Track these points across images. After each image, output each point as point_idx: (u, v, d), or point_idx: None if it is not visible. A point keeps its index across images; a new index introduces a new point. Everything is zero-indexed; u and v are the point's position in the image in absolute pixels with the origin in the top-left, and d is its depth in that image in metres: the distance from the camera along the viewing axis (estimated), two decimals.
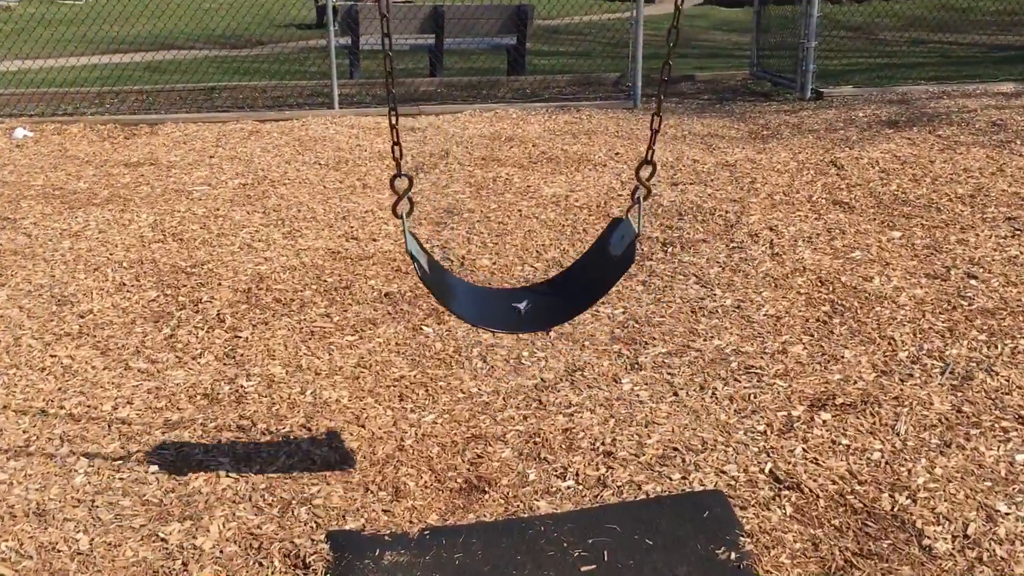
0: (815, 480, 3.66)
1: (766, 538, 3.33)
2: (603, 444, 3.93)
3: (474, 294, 3.94)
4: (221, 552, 3.28)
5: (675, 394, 4.33)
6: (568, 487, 3.67)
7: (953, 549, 3.28)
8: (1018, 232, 6.18)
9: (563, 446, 3.94)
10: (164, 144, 9.02)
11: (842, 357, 4.63)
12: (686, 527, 3.36)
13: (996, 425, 3.99)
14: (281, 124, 9.87)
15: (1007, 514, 3.42)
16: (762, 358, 4.64)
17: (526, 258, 6.00)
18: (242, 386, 4.41)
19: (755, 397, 4.28)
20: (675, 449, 3.89)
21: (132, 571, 3.20)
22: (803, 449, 3.87)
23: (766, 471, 3.73)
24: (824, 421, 4.07)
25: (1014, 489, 3.56)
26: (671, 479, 3.70)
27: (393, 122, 3.31)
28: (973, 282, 5.44)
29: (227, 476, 3.71)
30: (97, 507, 3.53)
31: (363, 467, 3.79)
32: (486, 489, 3.66)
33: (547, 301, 3.63)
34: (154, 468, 3.78)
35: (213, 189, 7.48)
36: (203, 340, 4.88)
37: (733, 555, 3.21)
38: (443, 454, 3.89)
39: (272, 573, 3.18)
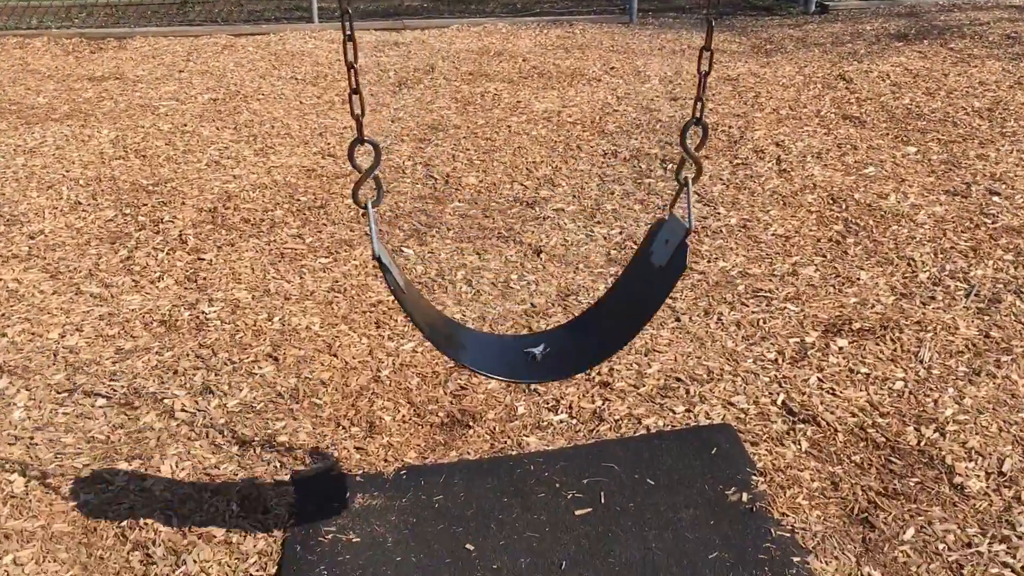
0: (832, 412, 3.32)
1: (780, 477, 3.00)
2: (599, 374, 3.58)
3: (473, 337, 3.02)
4: (172, 495, 2.94)
5: (677, 320, 3.97)
6: (560, 422, 3.33)
7: (987, 488, 2.95)
8: None
9: None
10: (132, 58, 8.48)
11: (858, 279, 4.26)
12: (692, 465, 3.02)
13: None
14: (257, 39, 9.32)
15: None
16: (771, 281, 4.27)
17: (516, 176, 5.58)
18: (203, 312, 4.02)
19: (764, 323, 3.92)
20: (678, 379, 3.54)
21: (72, 517, 2.86)
22: (818, 379, 3.52)
23: (778, 403, 3.39)
24: (840, 348, 3.71)
25: None
26: (674, 412, 3.35)
27: (351, 60, 2.23)
28: (996, 199, 5.05)
29: (183, 411, 3.35)
30: (36, 445, 3.17)
31: (334, 400, 3.43)
32: (470, 424, 3.32)
33: (572, 342, 2.76)
34: (102, 402, 3.41)
35: (181, 104, 7.00)
36: (163, 263, 4.48)
37: (744, 496, 2.88)
38: (423, 386, 3.53)
39: (229, 518, 2.84)
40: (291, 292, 4.20)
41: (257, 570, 2.66)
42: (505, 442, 3.22)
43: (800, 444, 3.16)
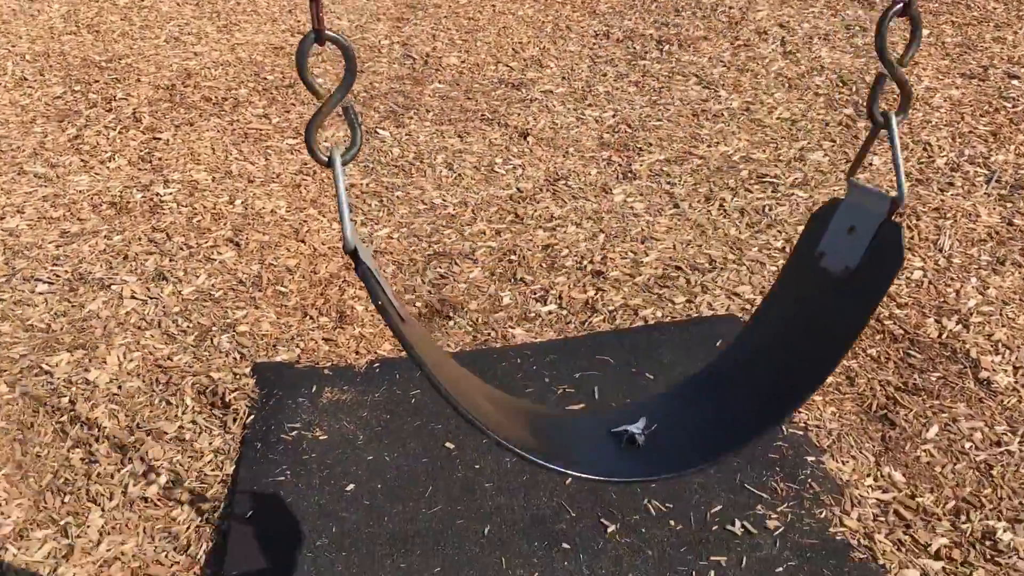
0: None
1: None
2: (591, 263, 3.28)
3: (532, 414, 1.88)
4: (119, 388, 2.65)
5: (676, 206, 3.66)
6: (550, 312, 3.05)
7: (1016, 383, 2.70)
8: None
9: (543, 265, 3.28)
10: None
11: (870, 164, 3.94)
12: (694, 359, 2.74)
13: None
14: None
15: None
16: (777, 166, 3.95)
17: (501, 56, 5.17)
18: (157, 194, 3.67)
19: (770, 209, 3.62)
20: (677, 268, 3.25)
21: (6, 411, 2.57)
22: None
23: None
24: None
25: None
26: (673, 303, 3.07)
27: None
28: (1015, 83, 4.71)
29: (132, 298, 3.04)
30: None
31: (301, 289, 3.13)
32: (451, 315, 3.03)
33: (698, 410, 1.76)
34: (43, 288, 3.09)
35: None
36: (115, 142, 4.10)
37: None
38: (399, 274, 3.23)
39: (182, 413, 2.56)
40: (255, 174, 3.85)
41: (212, 470, 2.39)
42: (489, 334, 2.94)
43: None
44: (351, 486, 2.30)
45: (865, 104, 1.54)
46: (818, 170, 3.91)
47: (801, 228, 3.45)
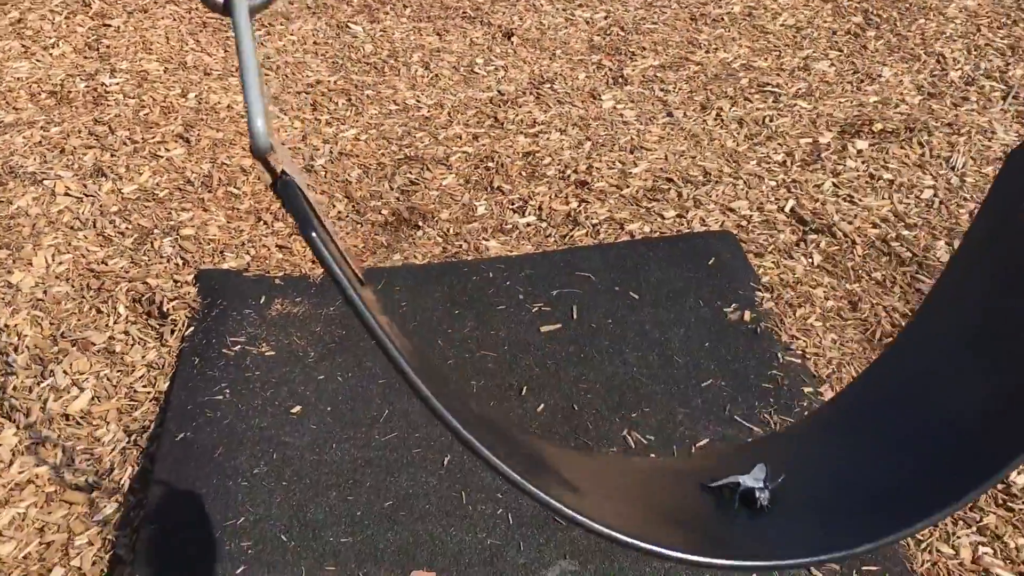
0: (850, 222, 2.79)
1: (790, 293, 2.49)
2: (575, 172, 3.01)
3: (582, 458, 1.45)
4: (44, 293, 2.38)
5: (669, 115, 3.37)
6: (528, 225, 2.78)
7: None
8: None
9: (523, 173, 3.01)
10: None
11: (879, 76, 3.65)
12: (684, 277, 2.49)
13: None
14: None
15: None
16: (779, 75, 3.65)
17: None
18: (103, 84, 3.35)
19: (771, 120, 3.33)
20: (668, 180, 2.98)
21: None
22: (833, 184, 2.98)
23: (787, 210, 2.85)
24: (859, 151, 3.15)
25: None
26: (663, 217, 2.81)
27: None
28: None
29: (67, 195, 2.75)
30: None
31: (256, 191, 2.84)
32: (419, 224, 2.76)
33: (856, 457, 1.16)
34: None
35: None
36: (60, 28, 3.75)
37: (747, 314, 2.37)
38: (365, 178, 2.95)
39: (113, 323, 2.30)
40: (212, 66, 3.52)
41: (144, 386, 2.14)
42: (460, 246, 2.68)
43: (812, 257, 2.64)
44: (297, 408, 2.06)
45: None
46: (823, 80, 3.61)
47: (804, 140, 3.19)
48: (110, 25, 3.79)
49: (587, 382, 2.16)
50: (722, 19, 4.11)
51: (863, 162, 3.10)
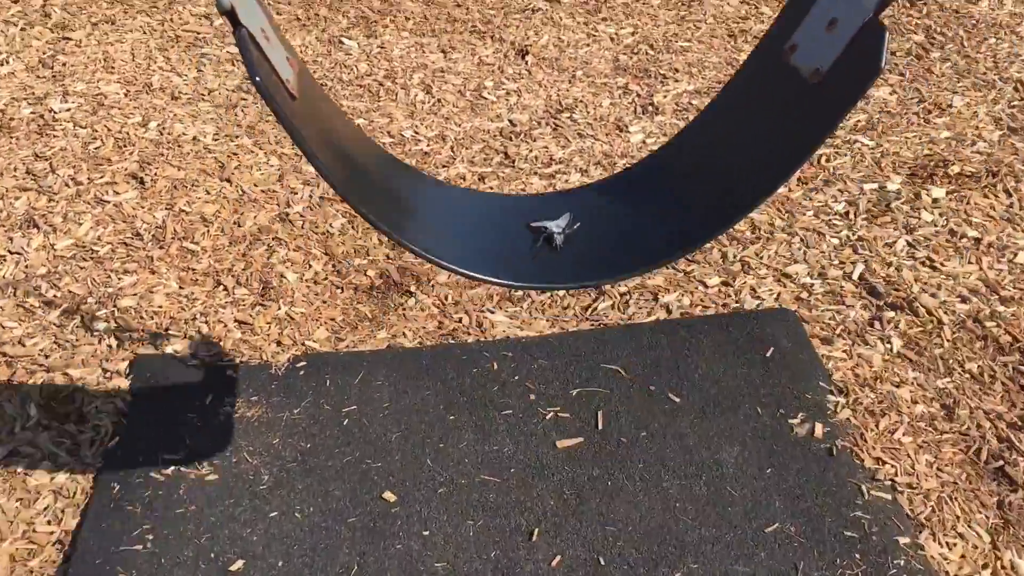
0: (932, 294, 2.30)
1: (869, 396, 2.00)
2: None
3: (431, 192, 1.71)
4: None
5: None
6: (541, 292, 2.31)
7: None
8: None
9: None
10: None
11: (950, 106, 3.16)
12: (736, 373, 2.00)
13: None
14: None
15: None
16: None
17: None
18: (51, 110, 2.89)
19: (828, 160, 2.85)
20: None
21: None
22: (908, 243, 2.49)
23: (855, 276, 2.37)
24: (936, 200, 2.66)
25: None
26: (705, 286, 2.33)
27: None
28: None
29: None
30: None
31: (218, 246, 2.38)
32: (411, 290, 2.29)
33: (627, 209, 1.56)
34: None
35: None
36: (13, 41, 3.29)
37: (820, 429, 1.88)
38: (350, 229, 2.49)
39: (20, 428, 1.83)
40: (181, 89, 3.06)
41: (47, 522, 1.67)
42: (459, 320, 2.20)
43: (891, 343, 2.16)
44: (239, 563, 1.59)
45: None
46: (885, 109, 3.13)
47: (869, 186, 2.71)
48: (70, 39, 3.33)
49: (616, 523, 1.68)
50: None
51: (940, 214, 2.61)
